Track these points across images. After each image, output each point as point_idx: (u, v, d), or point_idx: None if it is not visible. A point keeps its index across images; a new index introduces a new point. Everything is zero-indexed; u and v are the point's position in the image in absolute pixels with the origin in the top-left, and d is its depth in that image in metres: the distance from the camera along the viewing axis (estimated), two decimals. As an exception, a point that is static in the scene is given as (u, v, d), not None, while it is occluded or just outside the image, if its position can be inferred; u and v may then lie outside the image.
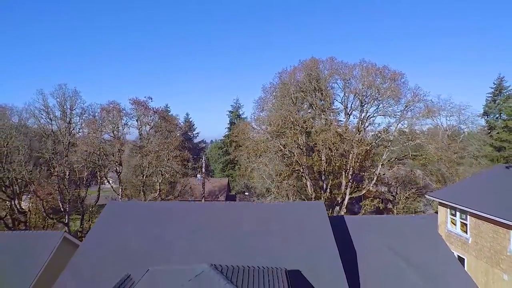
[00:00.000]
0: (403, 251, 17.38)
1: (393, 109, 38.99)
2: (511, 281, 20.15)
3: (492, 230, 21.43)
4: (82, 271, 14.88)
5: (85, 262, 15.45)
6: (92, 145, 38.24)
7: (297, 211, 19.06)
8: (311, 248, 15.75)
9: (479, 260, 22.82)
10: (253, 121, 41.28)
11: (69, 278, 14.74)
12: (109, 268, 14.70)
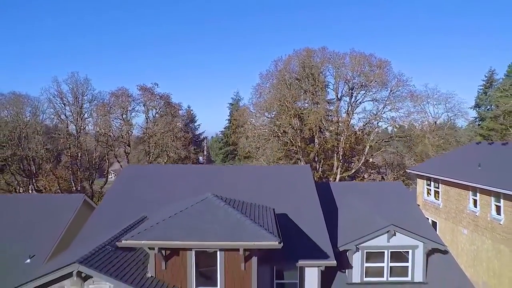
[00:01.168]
0: (378, 206, 20.04)
1: (380, 94, 41.72)
2: (468, 234, 23.09)
3: (457, 193, 24.36)
4: (105, 215, 17.69)
5: (108, 209, 18.28)
6: (103, 126, 41.07)
7: (287, 172, 21.69)
8: (296, 199, 18.49)
9: (447, 221, 25.78)
10: (251, 105, 44.05)
11: (95, 221, 17.58)
12: (127, 214, 17.29)
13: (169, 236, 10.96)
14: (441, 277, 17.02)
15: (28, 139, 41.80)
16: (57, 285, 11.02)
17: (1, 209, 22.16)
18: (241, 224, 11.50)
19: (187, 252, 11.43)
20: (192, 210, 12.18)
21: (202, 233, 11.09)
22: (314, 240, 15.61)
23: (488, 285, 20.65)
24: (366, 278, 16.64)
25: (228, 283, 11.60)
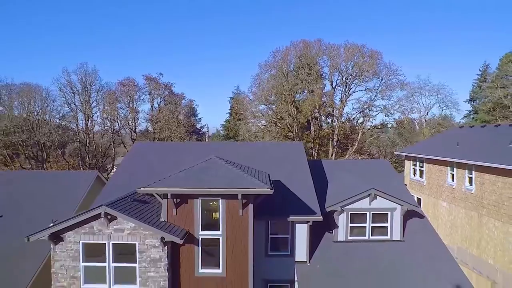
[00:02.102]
0: (364, 178, 21.95)
1: (372, 84, 43.67)
2: (447, 206, 25.12)
3: (438, 170, 26.38)
4: (118, 185, 19.64)
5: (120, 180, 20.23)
6: (111, 113, 43.12)
7: (282, 147, 23.62)
8: (289, 169, 20.41)
9: (430, 197, 27.83)
10: (250, 94, 46.06)
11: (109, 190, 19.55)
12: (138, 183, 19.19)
13: (179, 184, 12.99)
14: (416, 237, 19.05)
15: (40, 126, 43.85)
16: (86, 225, 13.10)
17: (23, 183, 24.26)
18: (240, 176, 13.53)
19: (194, 200, 13.44)
20: (198, 166, 14.22)
21: (207, 182, 13.12)
22: (304, 200, 17.62)
23: (461, 248, 22.69)
24: (351, 237, 18.64)
25: (229, 228, 13.62)
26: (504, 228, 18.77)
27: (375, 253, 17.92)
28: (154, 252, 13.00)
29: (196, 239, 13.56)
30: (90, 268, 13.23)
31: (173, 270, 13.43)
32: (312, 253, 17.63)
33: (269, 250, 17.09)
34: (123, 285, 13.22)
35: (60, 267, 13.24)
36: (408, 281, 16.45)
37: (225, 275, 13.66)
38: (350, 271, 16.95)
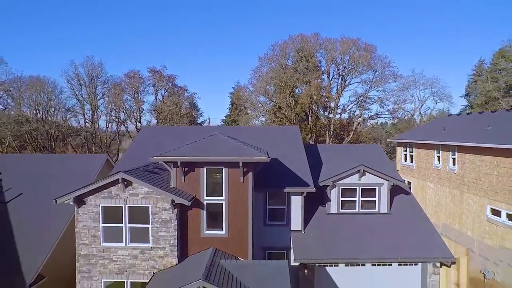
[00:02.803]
0: (355, 159, 23.51)
1: (367, 76, 45.18)
2: (433, 187, 26.72)
3: (426, 154, 27.97)
4: (128, 164, 21.20)
5: (130, 159, 21.79)
6: (117, 103, 44.73)
7: (279, 130, 25.14)
8: (286, 148, 21.95)
9: (419, 180, 29.44)
10: (249, 85, 47.64)
11: (119, 168, 21.13)
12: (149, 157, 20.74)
13: (187, 153, 14.59)
14: (402, 211, 20.66)
15: (50, 116, 45.52)
16: (105, 190, 14.70)
17: (38, 165, 25.93)
18: (241, 147, 15.13)
19: (200, 169, 15.03)
20: (204, 140, 15.84)
21: (212, 152, 14.73)
22: (299, 175, 19.22)
23: (445, 224, 24.30)
24: (342, 210, 20.24)
25: (231, 193, 15.20)
26: (481, 201, 20.35)
27: (364, 224, 19.54)
28: (165, 214, 14.61)
29: (202, 204, 15.15)
30: (109, 228, 14.84)
31: (181, 231, 15.03)
32: (307, 224, 19.24)
33: (267, 220, 18.68)
34: (138, 243, 14.83)
35: (82, 227, 14.87)
36: (393, 247, 18.06)
37: (227, 236, 15.27)
38: (341, 238, 18.57)
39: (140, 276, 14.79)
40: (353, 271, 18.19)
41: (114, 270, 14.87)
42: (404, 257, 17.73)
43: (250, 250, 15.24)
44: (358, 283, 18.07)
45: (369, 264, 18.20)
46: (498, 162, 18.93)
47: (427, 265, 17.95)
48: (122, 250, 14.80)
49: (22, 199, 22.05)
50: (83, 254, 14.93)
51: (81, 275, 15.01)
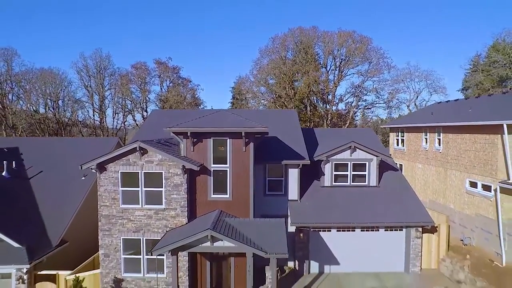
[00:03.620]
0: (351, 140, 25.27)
1: (363, 67, 46.83)
2: (421, 167, 28.48)
3: (415, 137, 29.72)
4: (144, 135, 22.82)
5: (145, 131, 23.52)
6: (125, 93, 46.56)
7: (278, 113, 26.86)
8: (284, 128, 23.74)
9: (409, 161, 31.19)
10: (251, 76, 49.40)
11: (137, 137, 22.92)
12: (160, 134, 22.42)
13: (196, 125, 16.42)
14: (390, 184, 22.47)
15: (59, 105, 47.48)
16: (124, 158, 16.53)
17: (55, 147, 27.81)
18: (243, 120, 16.92)
19: (207, 140, 16.84)
20: (210, 116, 17.67)
21: (218, 124, 16.57)
22: (295, 149, 21.05)
23: (432, 200, 26.07)
24: (335, 183, 22.03)
25: (234, 161, 17.01)
26: (461, 176, 22.11)
27: (355, 195, 21.34)
28: (177, 179, 16.44)
29: (209, 171, 16.98)
30: (127, 192, 16.68)
31: (190, 194, 16.86)
32: (303, 195, 21.05)
33: (267, 191, 20.49)
34: (152, 205, 16.67)
35: (104, 191, 16.71)
36: (380, 215, 19.88)
37: (231, 199, 17.10)
38: (333, 207, 20.39)
39: (154, 234, 16.64)
40: (344, 236, 20.04)
41: (131, 228, 16.73)
42: (390, 222, 19.58)
43: (251, 212, 17.06)
44: (349, 247, 19.92)
45: (358, 230, 20.06)
46: (475, 139, 20.68)
47: (411, 230, 19.79)
48: (138, 211, 16.65)
49: (42, 176, 23.94)
50: (105, 214, 16.78)
51: (102, 233, 16.87)
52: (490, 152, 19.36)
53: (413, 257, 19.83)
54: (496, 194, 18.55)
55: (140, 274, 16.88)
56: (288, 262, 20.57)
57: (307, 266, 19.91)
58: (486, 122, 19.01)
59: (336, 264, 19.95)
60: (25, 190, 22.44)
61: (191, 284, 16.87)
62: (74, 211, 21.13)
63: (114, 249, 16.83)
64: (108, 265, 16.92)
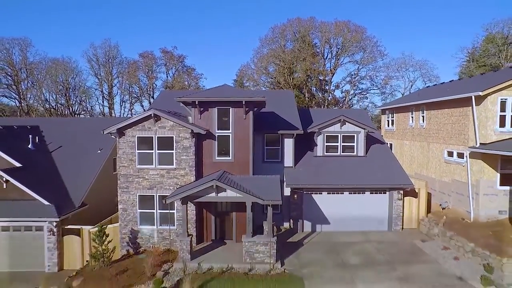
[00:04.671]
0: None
1: (358, 56, 48.87)
2: (408, 144, 30.70)
3: (403, 116, 31.90)
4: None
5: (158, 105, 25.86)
6: (133, 80, 48.90)
7: (275, 93, 29.06)
8: (281, 105, 25.89)
9: (398, 140, 33.41)
10: (251, 63, 51.58)
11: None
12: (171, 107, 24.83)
13: (203, 95, 18.70)
14: (376, 155, 24.74)
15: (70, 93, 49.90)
16: (140, 124, 18.84)
17: (73, 125, 30.20)
18: (243, 92, 19.29)
19: (213, 109, 19.12)
20: (215, 88, 19.95)
21: (221, 94, 18.87)
22: (290, 122, 23.35)
23: (417, 173, 28.32)
24: (326, 153, 24.33)
25: (236, 128, 19.27)
26: (441, 148, 24.32)
27: (344, 163, 23.60)
28: (186, 142, 18.75)
29: (214, 136, 19.27)
30: (142, 154, 18.97)
31: (197, 156, 19.15)
32: (297, 163, 23.35)
33: (265, 158, 22.75)
34: (165, 165, 18.95)
35: (122, 153, 19.03)
36: (366, 179, 22.16)
37: (233, 161, 19.39)
38: (324, 172, 22.67)
39: (166, 191, 18.92)
40: (334, 198, 22.35)
41: (146, 186, 19.06)
42: (375, 184, 21.88)
43: (251, 171, 19.35)
44: (338, 208, 22.21)
45: (347, 193, 22.36)
46: (452, 112, 22.85)
47: (393, 193, 22.09)
48: (152, 171, 18.97)
49: (62, 150, 26.31)
50: (123, 174, 19.11)
51: (121, 190, 19.22)
52: (463, 123, 21.59)
53: (395, 217, 22.15)
54: (467, 159, 20.81)
55: (153, 226, 19.23)
56: (284, 223, 22.90)
57: (301, 225, 22.24)
58: (458, 95, 21.22)
59: (326, 224, 22.25)
60: (48, 161, 24.81)
61: (198, 235, 19.24)
62: (92, 179, 23.54)
63: (131, 204, 19.17)
64: (126, 218, 19.28)
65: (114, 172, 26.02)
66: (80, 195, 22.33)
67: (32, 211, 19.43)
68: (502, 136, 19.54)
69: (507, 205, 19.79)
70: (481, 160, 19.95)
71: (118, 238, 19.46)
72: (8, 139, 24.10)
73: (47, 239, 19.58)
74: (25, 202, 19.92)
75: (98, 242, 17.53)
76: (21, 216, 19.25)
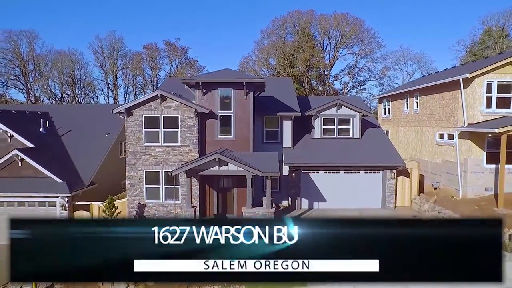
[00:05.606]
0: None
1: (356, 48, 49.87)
2: (403, 130, 31.78)
3: (399, 103, 32.94)
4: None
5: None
6: (138, 71, 50.08)
7: (275, 80, 30.15)
8: (280, 91, 26.95)
9: (394, 127, 34.45)
10: (252, 55, 52.67)
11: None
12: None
13: (206, 77, 19.84)
14: (371, 138, 25.79)
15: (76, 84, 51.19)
16: (147, 104, 19.96)
17: (81, 112, 31.40)
18: (244, 74, 20.36)
19: (215, 90, 20.20)
20: (217, 71, 21.08)
21: (223, 76, 19.99)
22: (288, 105, 24.44)
23: (411, 157, 29.38)
24: (324, 135, 25.41)
25: (237, 108, 20.33)
26: (433, 131, 25.37)
27: (340, 145, 24.64)
28: (190, 121, 19.85)
29: (216, 115, 20.35)
30: (149, 132, 20.07)
31: (201, 134, 20.24)
32: (295, 144, 24.43)
33: (264, 139, 23.81)
34: (170, 143, 20.06)
35: (130, 132, 20.15)
36: (361, 159, 23.25)
37: (235, 139, 20.51)
38: (321, 152, 23.74)
39: (171, 167, 19.97)
40: (330, 177, 23.43)
41: (152, 162, 20.18)
42: (369, 163, 22.97)
43: (251, 149, 20.46)
44: (334, 187, 23.26)
45: (342, 172, 23.44)
46: (443, 96, 23.89)
47: (386, 172, 23.17)
48: (158, 148, 20.08)
49: (71, 134, 27.43)
50: (131, 151, 20.24)
51: (129, 167, 20.35)
52: (453, 106, 22.64)
53: (388, 195, 23.23)
54: (456, 140, 21.87)
55: (159, 200, 20.37)
56: (283, 201, 24.00)
57: (299, 202, 23.33)
58: (448, 79, 22.26)
59: (323, 201, 23.33)
60: (59, 144, 25.96)
61: (201, 209, 20.36)
62: (100, 160, 24.68)
63: (138, 180, 20.31)
64: (133, 193, 20.43)
65: (120, 156, 27.21)
66: (89, 174, 23.44)
67: (46, 188, 20.57)
68: (488, 116, 20.56)
69: (492, 183, 20.83)
70: (469, 140, 20.98)
71: (125, 212, 20.58)
72: (21, 123, 25.24)
73: (59, 214, 20.70)
74: (39, 180, 21.03)
75: (108, 213, 18.66)
76: (35, 192, 20.40)
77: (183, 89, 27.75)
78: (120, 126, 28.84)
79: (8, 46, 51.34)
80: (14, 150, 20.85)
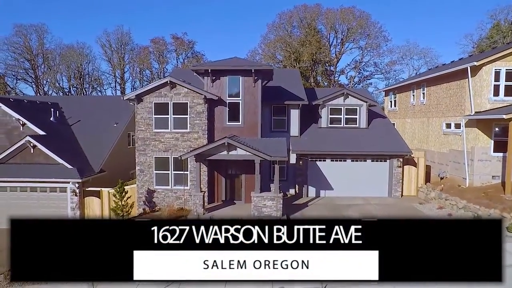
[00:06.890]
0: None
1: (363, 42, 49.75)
2: (410, 121, 31.74)
3: (405, 95, 32.89)
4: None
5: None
6: (146, 64, 50.35)
7: (282, 71, 30.23)
8: (287, 81, 26.98)
9: (400, 119, 34.41)
10: (259, 49, 52.71)
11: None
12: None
13: (215, 64, 19.94)
14: (378, 127, 25.80)
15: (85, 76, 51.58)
16: (157, 91, 20.12)
17: (90, 102, 31.67)
18: (253, 61, 20.47)
19: (224, 78, 20.30)
20: (226, 60, 21.17)
21: (232, 64, 20.10)
22: (295, 94, 24.52)
23: (418, 148, 29.38)
24: (330, 125, 25.47)
25: (246, 96, 20.41)
26: (440, 121, 25.34)
27: (347, 134, 24.70)
28: (199, 108, 19.99)
29: (225, 102, 20.46)
30: (159, 118, 20.23)
31: (210, 121, 20.35)
32: (302, 133, 24.51)
33: (272, 128, 23.94)
34: (179, 129, 20.22)
35: (140, 118, 20.32)
36: (368, 147, 23.30)
37: (243, 126, 20.62)
38: (328, 141, 23.80)
39: (180, 153, 19.98)
40: (337, 165, 23.51)
41: (161, 148, 20.35)
42: (375, 151, 23.01)
43: (259, 135, 20.57)
44: (341, 174, 23.34)
45: (349, 160, 23.50)
46: (450, 86, 23.85)
47: (393, 161, 23.20)
48: (167, 134, 20.25)
49: (80, 124, 27.69)
50: (140, 137, 20.43)
51: (139, 153, 20.54)
52: (460, 95, 22.60)
53: (395, 183, 23.25)
54: (463, 128, 21.85)
55: (168, 186, 20.55)
56: (290, 190, 24.12)
57: (306, 190, 23.43)
58: (456, 68, 22.22)
59: (330, 189, 23.41)
60: (69, 133, 26.23)
61: (210, 195, 20.52)
62: (110, 148, 24.92)
63: (148, 166, 20.50)
64: (143, 179, 20.63)
65: (128, 147, 27.45)
66: (99, 162, 23.68)
67: (57, 174, 20.82)
68: (496, 104, 20.52)
69: (500, 170, 20.80)
70: (476, 128, 20.95)
71: (135, 197, 20.79)
72: (32, 112, 25.51)
73: (70, 200, 20.97)
74: (50, 166, 21.28)
75: (119, 197, 18.86)
76: (47, 177, 20.65)
77: (191, 80, 28.00)
78: (129, 116, 29.21)
79: (18, 40, 51.85)
80: (27, 136, 21.12)
